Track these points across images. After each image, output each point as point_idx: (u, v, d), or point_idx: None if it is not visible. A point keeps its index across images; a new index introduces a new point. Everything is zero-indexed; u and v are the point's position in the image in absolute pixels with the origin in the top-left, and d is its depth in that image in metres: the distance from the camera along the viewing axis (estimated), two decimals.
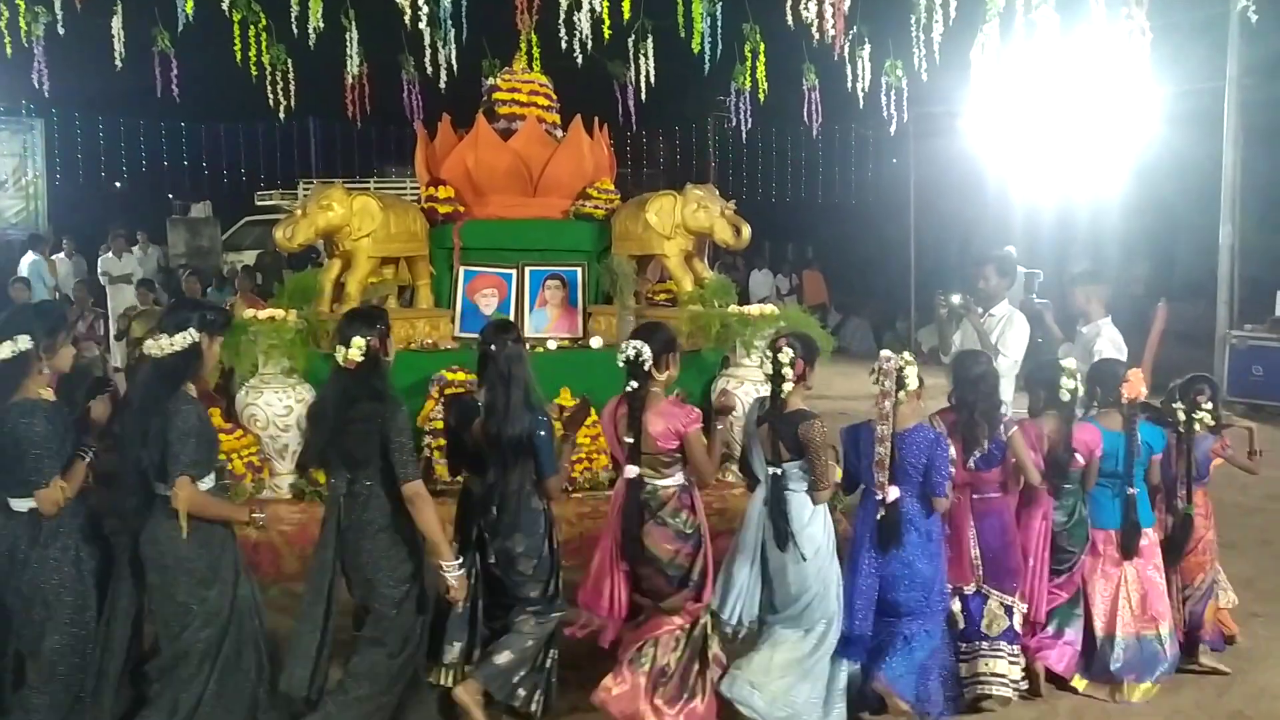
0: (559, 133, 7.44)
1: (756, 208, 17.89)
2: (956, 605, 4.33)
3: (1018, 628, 4.36)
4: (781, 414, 3.96)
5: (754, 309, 6.50)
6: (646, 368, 3.96)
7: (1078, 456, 4.44)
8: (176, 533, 3.48)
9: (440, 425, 5.83)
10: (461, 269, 7.02)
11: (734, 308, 6.57)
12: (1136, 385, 4.48)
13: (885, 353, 4.13)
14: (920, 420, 4.17)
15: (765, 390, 4.14)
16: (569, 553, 5.79)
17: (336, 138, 20.76)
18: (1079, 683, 4.53)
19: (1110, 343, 5.29)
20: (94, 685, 3.63)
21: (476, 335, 6.53)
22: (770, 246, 18.58)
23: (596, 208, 7.21)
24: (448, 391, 5.97)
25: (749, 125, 8.86)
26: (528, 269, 7.02)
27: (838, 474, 4.33)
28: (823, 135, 10.97)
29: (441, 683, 3.96)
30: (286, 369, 5.96)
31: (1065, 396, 4.44)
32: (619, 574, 4.05)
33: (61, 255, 13.92)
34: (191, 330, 3.53)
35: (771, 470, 3.98)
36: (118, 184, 21.00)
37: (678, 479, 4.04)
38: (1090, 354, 5.19)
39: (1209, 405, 4.64)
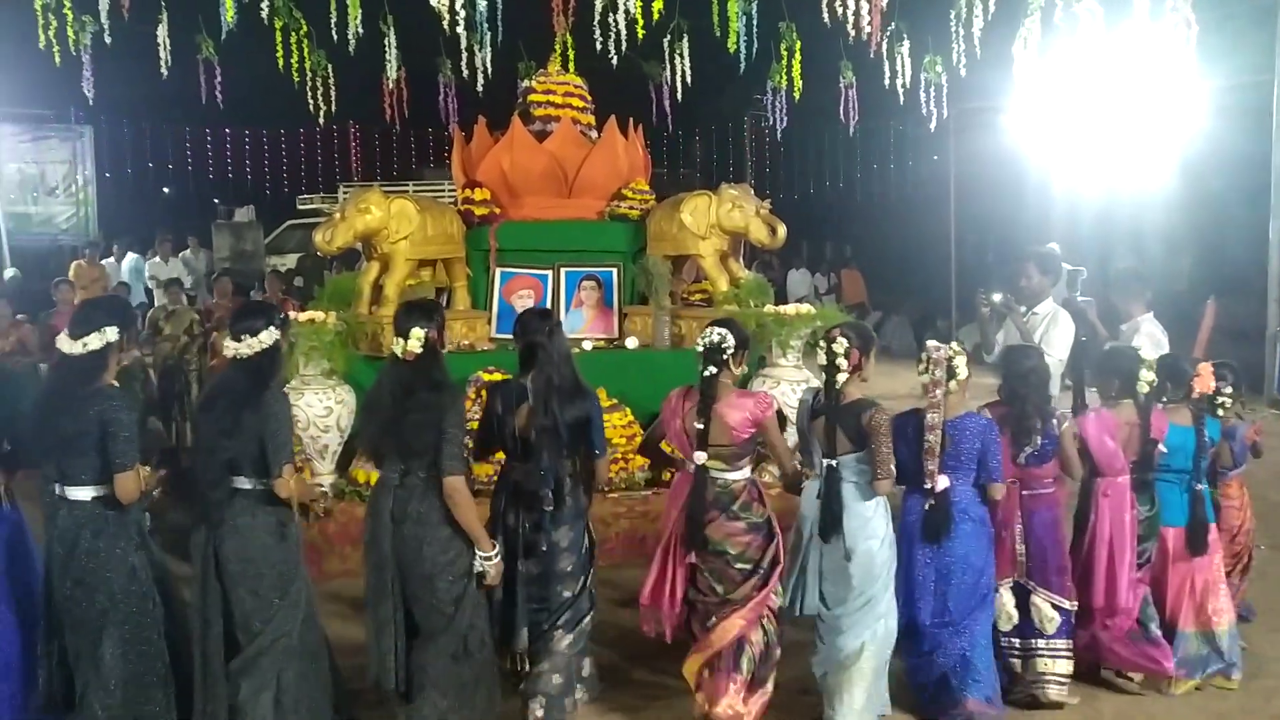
0: (594, 134, 7.46)
1: (794, 207, 17.82)
2: (1010, 601, 4.24)
3: (1071, 619, 4.28)
4: (839, 405, 3.91)
5: (790, 309, 6.47)
6: (726, 356, 3.94)
7: (1161, 447, 4.36)
8: (260, 526, 3.56)
9: (476, 425, 5.85)
10: (498, 270, 7.06)
11: (770, 307, 6.54)
12: (1206, 380, 4.41)
13: (933, 342, 4.09)
14: (968, 409, 4.11)
15: (807, 386, 4.12)
16: (604, 552, 5.82)
17: (376, 141, 20.97)
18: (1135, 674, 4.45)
19: (1148, 338, 5.19)
20: (201, 682, 3.60)
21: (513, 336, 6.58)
22: (808, 245, 18.45)
23: (631, 208, 7.22)
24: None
25: (786, 124, 8.83)
26: (563, 270, 7.04)
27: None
28: (860, 133, 10.90)
29: (515, 669, 3.98)
30: (326, 370, 6.03)
31: (1144, 389, 4.31)
32: (680, 568, 4.00)
33: (111, 260, 14.18)
34: (272, 328, 3.62)
35: (827, 462, 3.92)
36: (165, 189, 21.37)
37: (745, 472, 4.01)
38: None
39: (1228, 390, 4.59)
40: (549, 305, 6.98)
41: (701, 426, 3.90)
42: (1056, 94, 11.39)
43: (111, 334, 3.53)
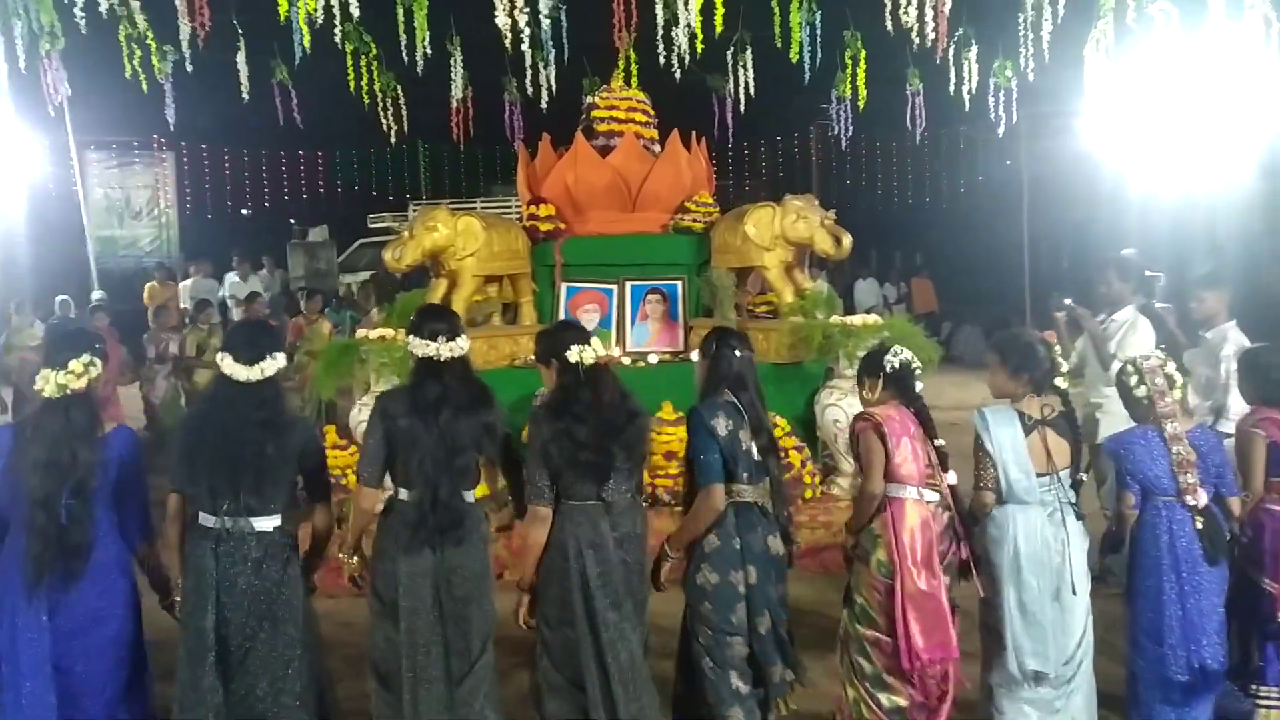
0: (657, 148, 7.48)
1: (862, 216, 17.62)
2: None
3: None
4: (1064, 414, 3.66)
5: (856, 319, 6.41)
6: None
7: None
8: (482, 540, 3.53)
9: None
10: (563, 285, 7.11)
11: (836, 318, 6.48)
12: None
13: (1138, 354, 3.92)
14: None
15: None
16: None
17: (444, 160, 21.29)
18: None
19: (1237, 346, 5.02)
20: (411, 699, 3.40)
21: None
22: (878, 255, 18.26)
23: (695, 221, 7.22)
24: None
25: (852, 132, 8.75)
26: (628, 284, 7.07)
27: None
28: (929, 139, 10.74)
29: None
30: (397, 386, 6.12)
31: None
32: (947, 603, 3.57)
33: (188, 281, 14.62)
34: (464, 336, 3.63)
35: (1047, 481, 3.57)
36: (243, 211, 21.96)
37: None
38: (1217, 359, 4.95)
39: None
40: (614, 319, 7.02)
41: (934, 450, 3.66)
42: (1131, 96, 11.10)
43: (280, 359, 3.43)
